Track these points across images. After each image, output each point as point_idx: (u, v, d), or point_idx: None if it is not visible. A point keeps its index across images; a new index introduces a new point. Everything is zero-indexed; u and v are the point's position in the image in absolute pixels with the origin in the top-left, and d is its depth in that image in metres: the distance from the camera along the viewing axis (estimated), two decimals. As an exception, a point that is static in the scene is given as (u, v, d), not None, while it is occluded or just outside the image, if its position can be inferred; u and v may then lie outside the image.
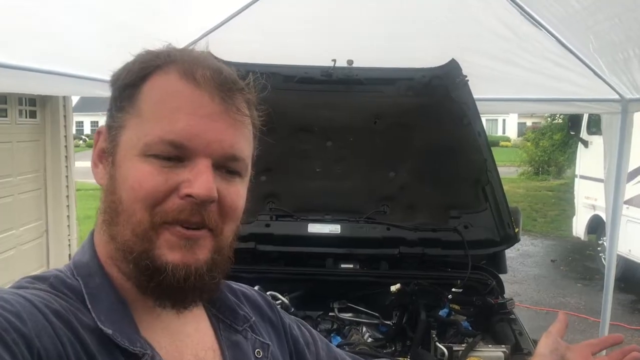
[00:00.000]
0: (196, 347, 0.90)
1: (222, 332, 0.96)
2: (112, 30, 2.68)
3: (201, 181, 0.79)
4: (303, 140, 2.98)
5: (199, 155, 0.80)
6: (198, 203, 0.79)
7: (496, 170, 2.88)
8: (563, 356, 1.15)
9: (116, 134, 0.83)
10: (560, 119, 18.17)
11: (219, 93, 0.81)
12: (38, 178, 6.56)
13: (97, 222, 0.87)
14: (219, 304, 0.98)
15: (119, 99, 0.84)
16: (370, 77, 2.97)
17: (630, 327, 6.41)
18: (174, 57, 0.84)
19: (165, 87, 0.81)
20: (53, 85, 2.76)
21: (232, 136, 0.83)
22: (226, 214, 0.84)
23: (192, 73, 0.81)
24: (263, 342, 1.00)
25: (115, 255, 0.83)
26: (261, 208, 2.89)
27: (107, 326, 0.77)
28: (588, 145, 8.69)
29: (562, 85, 3.51)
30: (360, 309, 2.72)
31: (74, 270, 0.84)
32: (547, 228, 12.38)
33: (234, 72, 0.86)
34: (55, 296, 0.77)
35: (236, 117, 0.83)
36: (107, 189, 0.84)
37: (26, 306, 0.71)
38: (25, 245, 6.31)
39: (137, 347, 0.78)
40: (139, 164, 0.80)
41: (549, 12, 2.88)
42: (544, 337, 1.18)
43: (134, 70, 0.84)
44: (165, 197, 0.79)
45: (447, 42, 3.22)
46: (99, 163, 0.87)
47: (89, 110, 42.91)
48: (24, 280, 0.81)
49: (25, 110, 6.39)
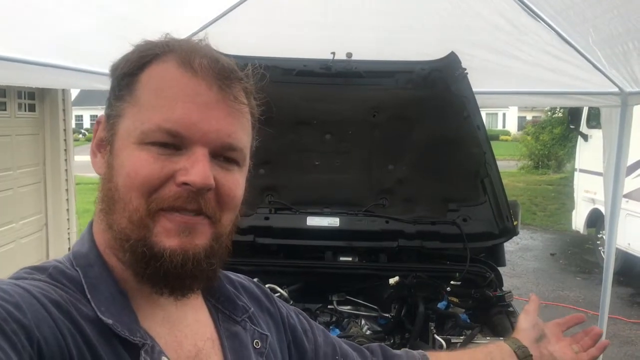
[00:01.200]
0: (195, 337, 0.90)
1: (221, 323, 0.96)
2: (111, 22, 2.67)
3: (197, 169, 0.79)
4: (302, 133, 2.97)
5: (196, 143, 0.80)
6: (194, 191, 0.79)
7: (495, 164, 2.87)
8: (542, 330, 1.30)
9: (114, 122, 0.84)
10: (560, 112, 18.15)
11: (216, 82, 0.81)
12: (37, 171, 6.56)
13: (95, 212, 0.87)
14: (218, 295, 0.99)
15: (118, 88, 0.85)
16: (369, 70, 2.96)
17: (629, 320, 6.42)
18: (172, 47, 0.84)
19: (163, 75, 0.82)
20: (51, 77, 2.75)
21: (229, 125, 0.83)
22: (224, 203, 0.84)
23: (190, 62, 0.81)
24: (262, 333, 1.00)
25: (113, 244, 0.83)
26: (260, 201, 2.89)
27: (107, 316, 0.77)
28: (588, 139, 8.69)
29: (561, 78, 3.50)
30: (359, 302, 2.73)
31: (73, 260, 0.84)
32: (547, 222, 12.40)
33: (232, 62, 0.86)
34: (54, 287, 0.77)
35: (234, 106, 0.83)
36: (105, 178, 0.84)
37: (25, 297, 0.71)
38: (24, 239, 6.31)
39: (137, 337, 0.79)
40: (136, 152, 0.80)
41: (547, 4, 2.87)
42: (524, 314, 1.33)
43: (132, 59, 0.84)
44: (161, 185, 0.79)
45: (447, 35, 3.22)
46: (98, 152, 0.88)
47: (89, 104, 42.85)
48: (23, 271, 0.81)
49: (25, 104, 6.38)
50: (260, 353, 0.98)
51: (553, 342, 1.29)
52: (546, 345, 1.28)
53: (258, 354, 0.97)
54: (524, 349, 1.24)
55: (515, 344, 1.26)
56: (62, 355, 0.70)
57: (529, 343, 1.26)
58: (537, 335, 1.29)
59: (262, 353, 0.98)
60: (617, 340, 5.89)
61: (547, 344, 1.28)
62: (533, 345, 1.26)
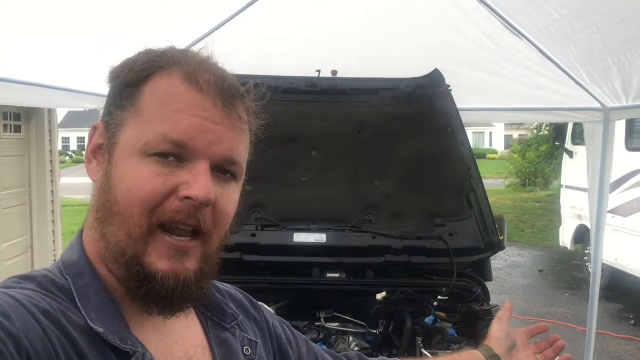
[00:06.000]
0: (186, 345, 0.90)
1: (210, 330, 0.96)
2: (100, 43, 2.69)
3: (200, 183, 0.79)
4: (288, 150, 2.98)
5: (199, 157, 0.80)
6: (196, 205, 0.79)
7: (480, 179, 2.90)
8: (514, 339, 1.31)
9: (115, 131, 0.83)
10: (546, 130, 18.34)
11: (221, 99, 0.82)
12: (23, 193, 6.49)
13: (88, 220, 0.87)
14: (207, 303, 0.99)
15: (119, 96, 0.84)
16: (354, 88, 2.99)
17: (617, 335, 6.43)
18: (177, 59, 0.84)
19: (168, 89, 0.81)
20: (41, 97, 2.75)
21: (232, 140, 0.83)
22: (218, 219, 0.84)
23: (196, 78, 0.81)
24: (251, 340, 1.01)
25: (105, 255, 0.83)
26: (247, 218, 2.89)
27: (97, 325, 0.77)
28: (573, 155, 8.78)
29: (544, 95, 3.55)
30: (347, 319, 2.72)
31: (62, 269, 0.83)
32: (535, 239, 12.45)
33: (235, 79, 0.87)
34: (43, 296, 0.76)
35: (237, 124, 0.84)
36: (102, 187, 0.83)
37: (14, 305, 0.70)
38: (9, 261, 6.22)
39: (128, 345, 0.78)
40: (138, 166, 0.80)
41: (529, 21, 2.92)
42: (497, 322, 1.34)
43: (135, 69, 0.84)
44: (163, 200, 0.79)
45: (430, 53, 3.25)
46: (93, 159, 0.87)
47: (76, 126, 42.77)
48: (11, 280, 0.80)
49: (10, 125, 6.34)
50: (250, 359, 0.98)
51: (521, 350, 1.31)
52: (516, 354, 1.30)
53: None
54: (497, 357, 1.25)
55: (489, 352, 1.26)
56: None
57: (502, 352, 1.27)
58: (510, 344, 1.30)
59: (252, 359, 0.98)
60: (606, 356, 5.89)
61: (517, 352, 1.30)
62: (506, 354, 1.27)
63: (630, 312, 7.22)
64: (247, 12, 3.05)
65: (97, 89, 2.92)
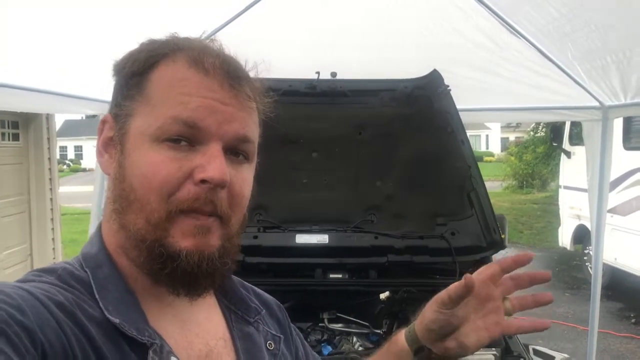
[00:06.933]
0: (206, 336, 0.89)
1: (233, 323, 0.95)
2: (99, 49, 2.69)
3: (214, 165, 0.79)
4: (289, 152, 2.99)
5: (211, 138, 0.80)
6: (212, 188, 0.79)
7: (480, 177, 2.90)
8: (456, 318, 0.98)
9: (125, 122, 0.83)
10: (542, 132, 18.38)
11: (228, 81, 0.82)
12: (22, 201, 6.49)
13: (106, 212, 0.87)
14: (231, 295, 0.98)
15: (126, 87, 0.84)
16: (353, 89, 3.01)
17: (619, 334, 6.44)
18: (181, 46, 0.84)
19: (175, 74, 0.82)
20: (40, 102, 2.75)
21: (242, 119, 0.84)
22: (235, 202, 0.84)
23: (201, 61, 0.81)
24: (275, 335, 1.00)
25: (125, 244, 0.82)
26: (249, 220, 2.88)
27: (114, 316, 0.76)
28: (571, 155, 8.79)
29: (542, 94, 3.56)
30: (350, 319, 2.72)
31: (82, 262, 0.83)
32: (534, 240, 12.46)
33: (239, 61, 0.87)
34: (60, 288, 0.76)
35: (246, 103, 0.84)
36: (116, 177, 0.83)
37: (28, 299, 0.70)
38: (9, 270, 6.21)
39: (145, 336, 0.77)
40: (151, 152, 0.79)
41: (527, 20, 2.94)
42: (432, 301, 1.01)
43: (140, 58, 0.84)
44: (179, 185, 0.79)
45: (429, 53, 3.26)
46: (105, 152, 0.87)
47: (73, 134, 42.75)
48: (31, 274, 0.80)
49: (8, 133, 6.34)
50: (273, 354, 0.97)
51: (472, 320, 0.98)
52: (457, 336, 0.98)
53: (271, 355, 0.96)
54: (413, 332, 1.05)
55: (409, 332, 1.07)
56: (66, 357, 0.68)
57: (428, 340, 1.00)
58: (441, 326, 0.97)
59: (275, 354, 0.97)
60: (608, 355, 5.89)
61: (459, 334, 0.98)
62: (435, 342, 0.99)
63: (631, 311, 7.22)
64: (245, 14, 3.07)
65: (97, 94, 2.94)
